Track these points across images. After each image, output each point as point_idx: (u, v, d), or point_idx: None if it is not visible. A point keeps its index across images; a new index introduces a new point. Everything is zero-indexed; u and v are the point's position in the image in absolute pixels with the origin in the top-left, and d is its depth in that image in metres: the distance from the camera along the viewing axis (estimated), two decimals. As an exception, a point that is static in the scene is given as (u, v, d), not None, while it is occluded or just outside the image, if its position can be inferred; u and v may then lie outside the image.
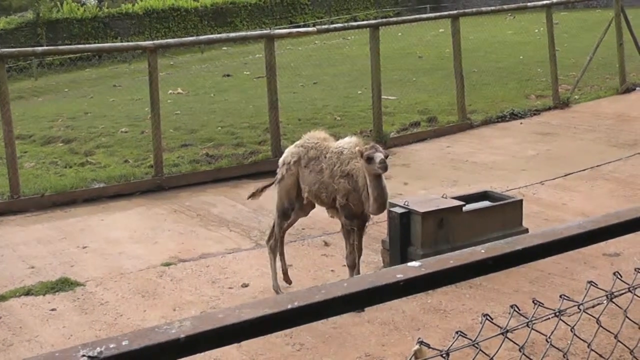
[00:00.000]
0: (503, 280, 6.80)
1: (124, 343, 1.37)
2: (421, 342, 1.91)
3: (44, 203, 10.52)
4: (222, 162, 11.99)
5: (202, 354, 1.49)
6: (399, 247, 7.31)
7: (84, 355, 1.33)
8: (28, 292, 7.31)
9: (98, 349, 1.35)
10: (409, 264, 1.77)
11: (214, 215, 9.66)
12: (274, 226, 7.29)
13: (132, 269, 7.86)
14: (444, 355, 1.96)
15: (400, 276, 1.70)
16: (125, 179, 11.31)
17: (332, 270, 7.52)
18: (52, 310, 6.91)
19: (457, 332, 2.03)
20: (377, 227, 8.59)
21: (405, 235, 7.30)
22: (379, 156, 6.13)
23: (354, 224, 6.78)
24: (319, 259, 7.91)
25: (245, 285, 7.25)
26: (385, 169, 6.16)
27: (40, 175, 11.96)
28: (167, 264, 7.91)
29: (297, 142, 7.20)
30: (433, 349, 1.96)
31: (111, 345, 1.37)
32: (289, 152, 7.17)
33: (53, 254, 8.45)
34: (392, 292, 1.71)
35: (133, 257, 8.23)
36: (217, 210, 9.86)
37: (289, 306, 1.50)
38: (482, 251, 1.97)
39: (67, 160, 13.12)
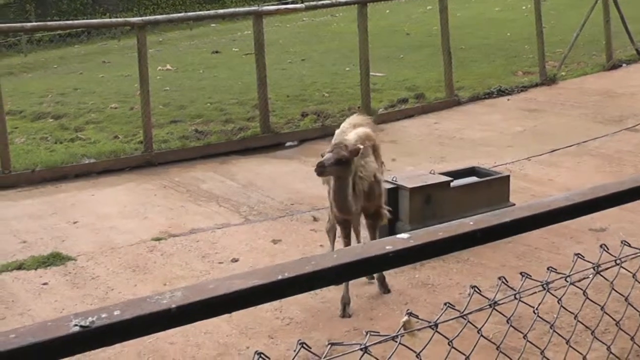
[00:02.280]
0: (490, 255, 6.83)
1: (115, 313, 1.37)
2: (410, 314, 1.91)
3: (35, 178, 10.48)
4: (211, 138, 11.96)
5: (194, 327, 1.49)
6: (387, 223, 7.32)
7: (76, 325, 1.33)
8: (20, 267, 7.31)
9: (90, 319, 1.35)
10: (398, 235, 1.77)
11: (203, 191, 9.64)
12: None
13: (123, 243, 7.85)
14: (432, 327, 1.96)
15: (389, 247, 1.70)
16: (115, 155, 11.27)
17: (320, 245, 7.52)
18: (44, 284, 6.91)
19: (445, 304, 2.04)
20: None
21: (393, 210, 7.31)
22: (324, 158, 5.77)
23: (342, 222, 6.35)
24: (308, 234, 7.91)
25: (235, 260, 7.26)
26: (317, 173, 5.77)
27: (30, 151, 11.89)
28: (158, 239, 7.90)
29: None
30: (422, 320, 1.96)
31: (103, 315, 1.36)
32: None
33: (44, 229, 8.43)
34: (381, 264, 1.71)
35: (123, 232, 8.22)
36: (206, 186, 9.84)
37: (279, 277, 1.50)
38: (471, 223, 1.97)
39: (57, 136, 13.04)
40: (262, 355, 1.54)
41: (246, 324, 5.78)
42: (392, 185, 7.34)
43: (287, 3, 31.41)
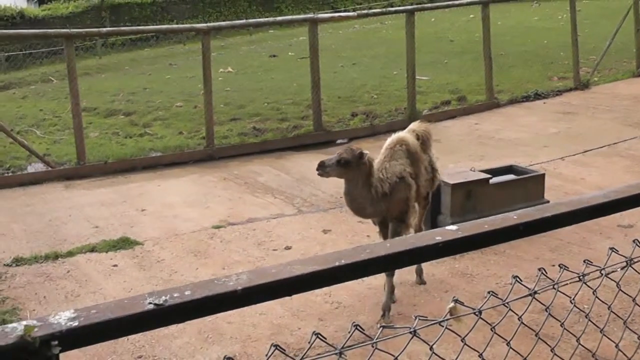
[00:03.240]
0: (525, 248, 6.75)
1: (186, 293, 1.37)
2: (456, 301, 1.88)
3: (107, 169, 10.63)
4: (267, 135, 12.00)
5: (250, 308, 1.49)
6: (430, 216, 7.28)
7: (150, 303, 1.33)
8: (93, 249, 7.41)
9: (163, 298, 1.35)
10: (447, 227, 1.75)
11: (260, 183, 9.68)
12: None
13: (186, 230, 7.91)
14: (476, 314, 1.94)
15: (439, 238, 1.68)
16: (179, 149, 11.38)
17: (367, 236, 7.49)
18: (114, 266, 7.00)
19: (488, 292, 2.01)
20: (410, 197, 8.56)
21: (435, 204, 7.27)
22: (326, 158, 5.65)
23: (377, 223, 6.13)
24: (356, 225, 7.88)
25: (288, 248, 7.27)
26: (318, 172, 5.61)
27: (103, 144, 12.07)
28: (218, 227, 7.95)
29: None
30: (467, 307, 1.94)
31: (175, 295, 1.36)
32: None
33: (115, 216, 8.53)
34: (431, 253, 1.69)
35: (186, 219, 8.29)
36: (262, 179, 9.88)
37: (337, 263, 1.49)
38: (514, 217, 1.94)
39: (128, 131, 13.21)
40: (319, 335, 1.53)
41: (298, 307, 5.78)
42: (434, 181, 7.29)
43: (340, 11, 31.33)
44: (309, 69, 12.12)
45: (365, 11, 13.64)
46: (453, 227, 1.76)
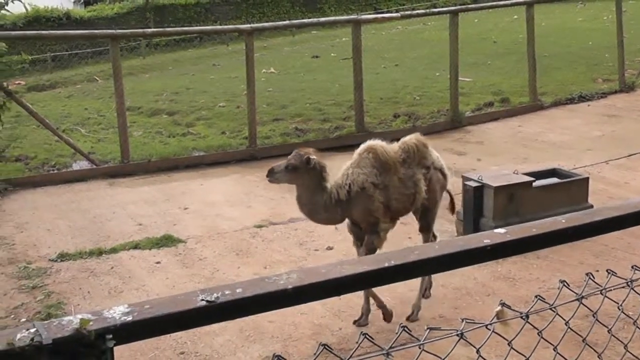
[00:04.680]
0: (568, 253, 6.66)
1: (237, 290, 1.38)
2: (503, 304, 1.87)
3: (150, 168, 10.75)
4: (309, 136, 12.03)
5: (291, 308, 1.49)
6: (472, 218, 7.24)
7: (202, 300, 1.35)
8: (136, 246, 7.50)
9: (215, 295, 1.36)
10: (495, 230, 1.73)
11: (301, 184, 9.68)
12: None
13: (228, 229, 7.96)
14: (523, 317, 1.92)
15: (487, 241, 1.67)
16: (222, 149, 11.47)
17: (409, 237, 7.45)
18: (157, 263, 7.07)
19: (536, 297, 1.99)
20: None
21: (478, 207, 7.22)
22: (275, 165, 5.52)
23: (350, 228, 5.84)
24: (398, 226, 7.78)
25: (329, 248, 7.27)
26: (268, 178, 5.48)
27: (147, 143, 12.20)
28: (259, 226, 7.98)
29: None
30: (514, 310, 1.92)
31: (226, 292, 1.38)
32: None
33: (158, 214, 8.62)
34: (479, 255, 1.68)
35: (229, 218, 8.34)
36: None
37: (386, 264, 1.49)
38: (563, 221, 1.92)
39: (171, 131, 13.34)
40: (367, 335, 1.53)
41: (339, 307, 5.78)
42: (477, 184, 7.25)
43: (382, 12, 31.25)
44: (351, 69, 12.12)
45: (408, 12, 13.63)
46: (501, 230, 1.74)
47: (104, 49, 31.41)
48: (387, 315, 5.67)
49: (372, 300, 5.64)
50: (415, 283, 6.01)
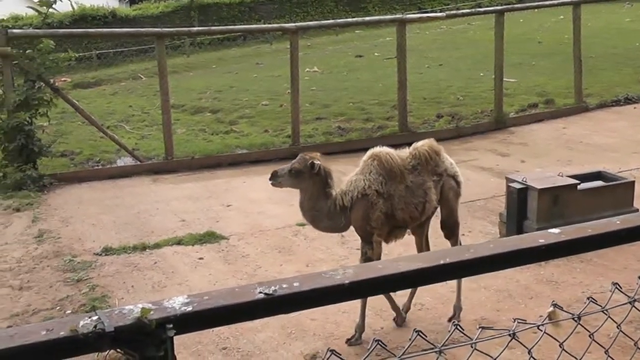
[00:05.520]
0: (612, 257, 6.56)
1: (295, 284, 1.39)
2: (555, 305, 1.85)
3: (193, 165, 10.85)
4: (352, 135, 12.03)
5: (333, 306, 1.50)
6: (515, 221, 7.16)
7: (260, 292, 1.36)
8: (179, 242, 7.57)
9: (273, 288, 1.38)
10: (550, 230, 1.72)
11: (344, 183, 9.69)
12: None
13: (270, 227, 7.99)
14: (575, 319, 1.90)
15: (542, 241, 1.66)
16: (265, 147, 11.52)
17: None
18: (200, 259, 7.13)
19: (588, 299, 1.96)
20: (495, 201, 8.44)
21: (521, 209, 7.14)
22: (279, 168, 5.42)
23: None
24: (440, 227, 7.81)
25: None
26: (271, 182, 5.34)
27: (190, 141, 12.32)
28: (302, 224, 7.96)
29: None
30: (567, 312, 1.90)
31: (284, 285, 1.39)
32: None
33: (201, 210, 8.69)
34: (533, 255, 1.67)
35: (271, 216, 8.37)
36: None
37: (441, 262, 1.49)
38: (617, 222, 1.89)
39: (214, 128, 13.45)
40: (420, 333, 1.53)
41: (381, 306, 5.75)
42: (521, 186, 7.18)
43: (427, 11, 31.08)
44: (394, 69, 12.10)
45: (453, 12, 13.52)
46: (556, 231, 1.73)
47: (149, 47, 31.86)
48: (400, 320, 5.58)
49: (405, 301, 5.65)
50: (455, 285, 5.98)
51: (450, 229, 5.79)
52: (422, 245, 5.90)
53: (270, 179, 5.33)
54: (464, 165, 10.38)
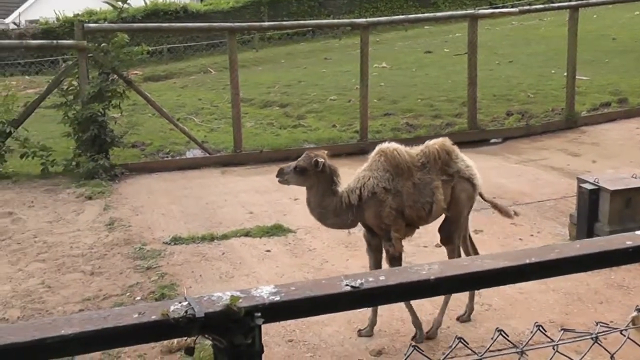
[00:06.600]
0: (688, 262, 6.36)
1: (381, 278, 1.40)
2: (639, 310, 1.81)
3: (262, 158, 10.95)
4: (420, 131, 11.97)
5: (399, 304, 1.48)
6: (586, 223, 7.02)
7: (347, 285, 1.37)
8: (247, 234, 7.65)
9: (359, 281, 1.38)
10: (637, 232, 1.67)
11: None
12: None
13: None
14: (658, 324, 1.85)
15: (629, 243, 1.62)
16: (332, 142, 11.56)
17: (520, 239, 7.32)
18: (267, 251, 7.19)
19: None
20: (566, 202, 8.29)
21: (593, 211, 6.99)
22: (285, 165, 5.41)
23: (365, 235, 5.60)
24: (508, 227, 7.71)
25: (438, 246, 7.16)
26: (278, 179, 5.39)
27: (258, 134, 12.43)
28: (368, 219, 7.97)
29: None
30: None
31: (370, 279, 1.39)
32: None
33: (268, 203, 8.76)
34: (620, 257, 1.63)
35: (344, 210, 8.35)
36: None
37: (526, 261, 1.47)
38: None
39: (282, 122, 13.54)
40: (502, 332, 1.51)
41: (448, 306, 5.71)
42: (593, 187, 7.02)
43: (499, 7, 30.62)
44: (464, 65, 11.99)
45: (526, 7, 13.32)
46: (643, 232, 1.68)
47: (218, 41, 32.23)
48: (419, 336, 5.30)
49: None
50: (526, 286, 5.89)
51: (450, 234, 5.52)
52: (468, 247, 5.77)
53: (277, 176, 5.37)
54: (534, 165, 10.23)
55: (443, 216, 5.50)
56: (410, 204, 5.23)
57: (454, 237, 5.51)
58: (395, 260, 5.26)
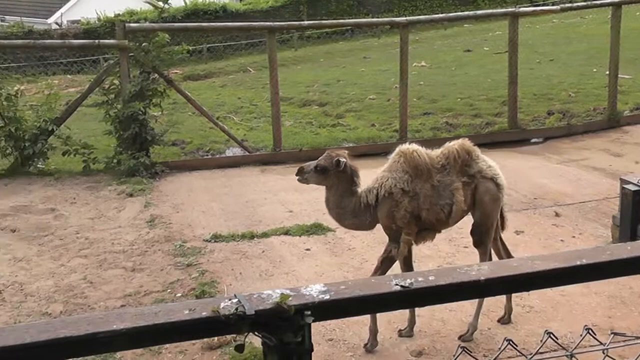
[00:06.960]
0: None
1: (430, 278, 1.39)
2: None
3: (301, 156, 10.93)
4: (460, 131, 11.88)
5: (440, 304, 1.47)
6: (630, 224, 6.89)
7: (397, 284, 1.36)
8: (287, 232, 7.67)
9: (409, 280, 1.37)
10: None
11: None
12: None
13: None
14: None
15: (682, 244, 1.59)
16: (372, 141, 11.54)
17: (561, 240, 7.23)
18: (307, 250, 7.20)
19: None
20: (608, 203, 8.17)
21: (636, 212, 6.86)
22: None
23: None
24: (550, 228, 7.63)
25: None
26: (297, 178, 5.35)
27: (297, 133, 12.46)
28: (408, 219, 7.93)
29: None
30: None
31: (419, 279, 1.38)
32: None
33: (308, 202, 8.75)
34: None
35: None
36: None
37: (577, 262, 1.45)
38: None
39: (321, 121, 13.56)
40: (551, 335, 1.50)
41: (488, 307, 5.65)
42: (637, 188, 6.89)
43: (539, 5, 30.29)
44: (504, 64, 11.89)
45: (568, 5, 13.13)
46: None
47: (258, 40, 32.34)
48: (370, 345, 5.23)
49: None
50: (568, 288, 5.82)
51: (481, 236, 5.42)
52: (500, 249, 5.64)
53: (296, 175, 5.33)
54: (575, 165, 10.09)
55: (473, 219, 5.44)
56: (427, 207, 5.18)
57: (485, 239, 5.43)
58: (391, 261, 5.28)
